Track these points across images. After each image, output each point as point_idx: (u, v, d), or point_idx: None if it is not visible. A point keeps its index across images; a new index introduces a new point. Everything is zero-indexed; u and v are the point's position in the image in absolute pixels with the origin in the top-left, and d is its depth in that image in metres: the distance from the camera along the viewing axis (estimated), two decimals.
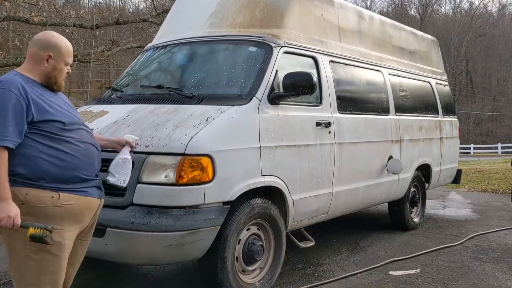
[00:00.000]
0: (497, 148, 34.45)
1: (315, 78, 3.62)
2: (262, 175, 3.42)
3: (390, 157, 5.02)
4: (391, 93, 5.24)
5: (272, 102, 3.54)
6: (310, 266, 4.31)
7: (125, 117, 3.40)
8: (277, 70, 3.66)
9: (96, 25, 10.85)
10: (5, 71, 12.00)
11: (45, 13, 10.36)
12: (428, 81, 6.35)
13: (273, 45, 3.76)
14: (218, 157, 3.08)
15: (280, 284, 3.82)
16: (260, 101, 3.46)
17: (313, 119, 3.93)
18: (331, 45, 4.42)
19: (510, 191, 8.46)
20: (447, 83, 7.09)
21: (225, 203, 3.15)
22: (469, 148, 35.02)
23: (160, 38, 4.58)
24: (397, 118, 5.24)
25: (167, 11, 8.39)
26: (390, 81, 5.30)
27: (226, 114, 3.26)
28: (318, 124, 3.96)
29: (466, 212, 7.32)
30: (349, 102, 4.48)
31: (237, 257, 3.36)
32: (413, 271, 4.25)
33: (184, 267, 4.29)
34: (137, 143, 2.81)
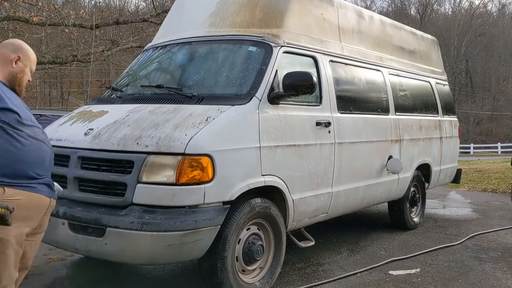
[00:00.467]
0: (497, 147, 34.49)
1: (315, 77, 3.61)
2: (262, 175, 3.42)
3: (390, 157, 5.02)
4: (391, 93, 5.24)
5: (272, 102, 3.54)
6: (310, 266, 4.31)
7: (125, 117, 3.40)
8: (277, 70, 3.66)
9: (96, 25, 10.86)
10: None
11: (44, 13, 10.36)
12: (428, 81, 6.35)
13: (273, 45, 3.76)
14: (218, 157, 3.08)
15: (280, 284, 3.82)
16: (260, 100, 3.46)
17: (313, 118, 3.93)
18: (331, 44, 4.42)
19: (510, 191, 8.46)
20: (447, 82, 7.08)
21: (225, 202, 3.15)
22: (469, 148, 35.04)
23: (160, 38, 4.58)
24: (397, 117, 5.24)
25: (167, 11, 8.39)
26: (390, 80, 5.30)
27: (226, 114, 3.26)
28: (318, 124, 3.96)
29: (466, 212, 7.32)
30: (349, 102, 4.48)
31: (237, 257, 3.36)
32: (413, 271, 4.25)
33: (184, 267, 4.29)
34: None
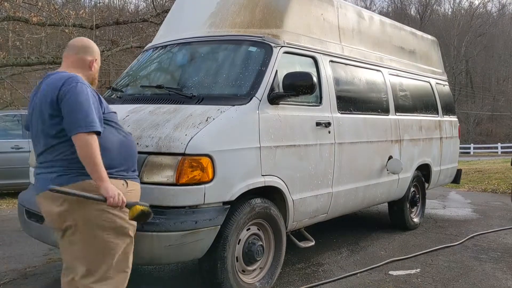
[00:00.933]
0: (497, 148, 34.49)
1: (315, 78, 3.61)
2: (262, 175, 3.42)
3: (390, 157, 5.02)
4: (391, 93, 5.24)
5: (272, 102, 3.54)
6: (310, 266, 4.32)
7: (125, 117, 3.40)
8: (277, 70, 3.66)
9: (96, 25, 10.86)
10: (5, 71, 12.00)
11: (44, 13, 10.36)
12: (428, 81, 6.35)
13: (273, 45, 3.75)
14: (218, 157, 3.08)
15: (280, 284, 3.82)
16: (260, 101, 3.46)
17: (313, 119, 3.93)
18: (331, 45, 4.42)
19: (510, 191, 8.47)
20: (447, 83, 7.09)
21: (225, 203, 3.15)
22: (469, 148, 35.06)
23: (160, 38, 4.58)
24: (397, 118, 5.24)
25: (167, 11, 8.39)
26: (390, 81, 5.30)
27: (226, 114, 3.26)
28: (318, 124, 3.96)
29: (466, 212, 7.32)
30: (349, 102, 4.48)
31: (237, 257, 3.36)
32: (413, 271, 4.25)
33: (184, 267, 4.30)
34: None
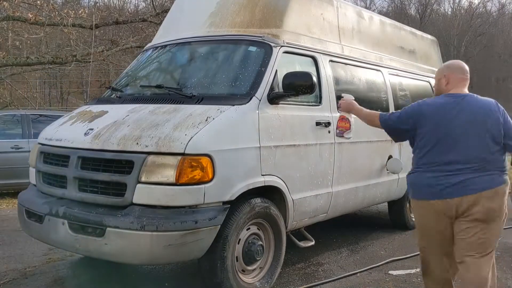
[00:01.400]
0: None
1: (314, 77, 3.61)
2: (262, 175, 3.42)
3: (390, 157, 5.02)
4: (391, 93, 5.23)
5: (272, 101, 3.54)
6: (310, 266, 4.32)
7: (124, 117, 3.40)
8: (276, 70, 3.66)
9: (95, 25, 10.86)
10: (5, 71, 12.00)
11: (44, 13, 10.36)
12: (427, 81, 6.34)
13: (272, 45, 3.75)
14: (218, 157, 3.08)
15: (280, 284, 3.82)
16: (260, 100, 3.46)
17: (312, 118, 3.93)
18: (330, 44, 4.42)
19: (510, 191, 8.46)
20: None
21: (225, 202, 3.15)
22: None
23: (160, 38, 4.58)
24: None
25: (166, 11, 8.40)
26: (390, 80, 5.30)
27: (226, 114, 3.26)
28: (318, 124, 3.96)
29: None
30: None
31: (237, 257, 3.36)
32: (413, 271, 4.24)
33: (184, 267, 4.29)
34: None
